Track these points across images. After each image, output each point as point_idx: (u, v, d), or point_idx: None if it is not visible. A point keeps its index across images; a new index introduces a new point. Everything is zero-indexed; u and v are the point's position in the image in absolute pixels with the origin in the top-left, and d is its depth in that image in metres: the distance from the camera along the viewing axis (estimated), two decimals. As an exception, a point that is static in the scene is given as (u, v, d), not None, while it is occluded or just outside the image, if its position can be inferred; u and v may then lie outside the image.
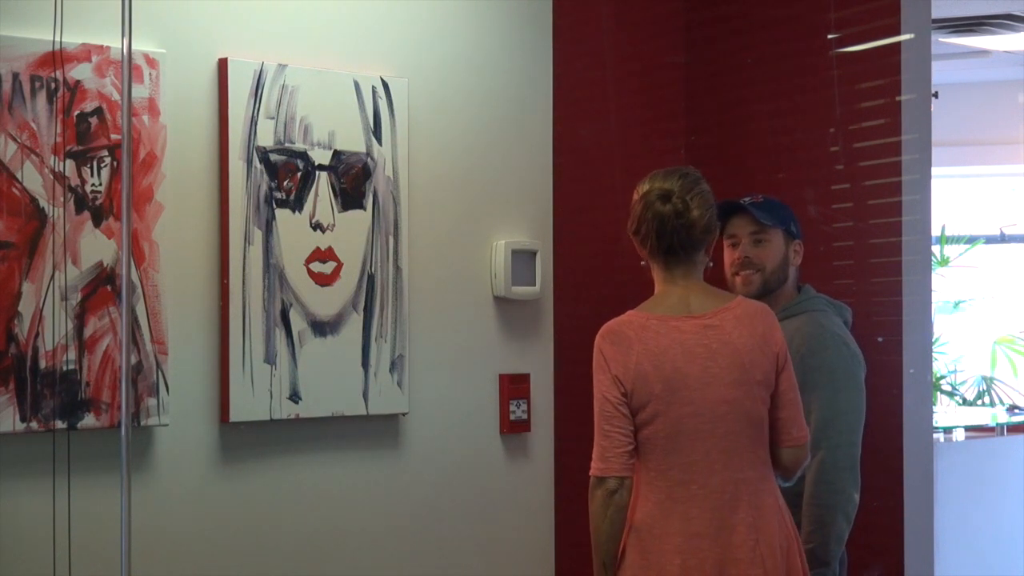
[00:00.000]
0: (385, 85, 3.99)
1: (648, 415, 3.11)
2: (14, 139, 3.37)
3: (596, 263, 4.51)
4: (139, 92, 3.54)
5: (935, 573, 4.31)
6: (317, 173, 3.87)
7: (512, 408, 4.26)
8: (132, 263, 3.50)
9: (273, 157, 3.79)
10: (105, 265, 3.50)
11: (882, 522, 3.98)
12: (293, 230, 3.82)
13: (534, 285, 4.29)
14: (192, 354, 3.68)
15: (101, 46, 3.50)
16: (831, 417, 3.53)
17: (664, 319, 3.16)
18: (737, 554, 3.08)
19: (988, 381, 8.44)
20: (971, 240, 8.55)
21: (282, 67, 3.81)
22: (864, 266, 4.22)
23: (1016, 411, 7.26)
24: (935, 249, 8.17)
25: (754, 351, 3.13)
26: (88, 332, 3.46)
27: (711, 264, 3.29)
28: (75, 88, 3.46)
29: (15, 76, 3.38)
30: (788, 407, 3.18)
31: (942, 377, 8.21)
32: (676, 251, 3.16)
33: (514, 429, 4.28)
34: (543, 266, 4.33)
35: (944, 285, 8.31)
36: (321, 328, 3.86)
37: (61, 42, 3.36)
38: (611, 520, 3.12)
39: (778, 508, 3.16)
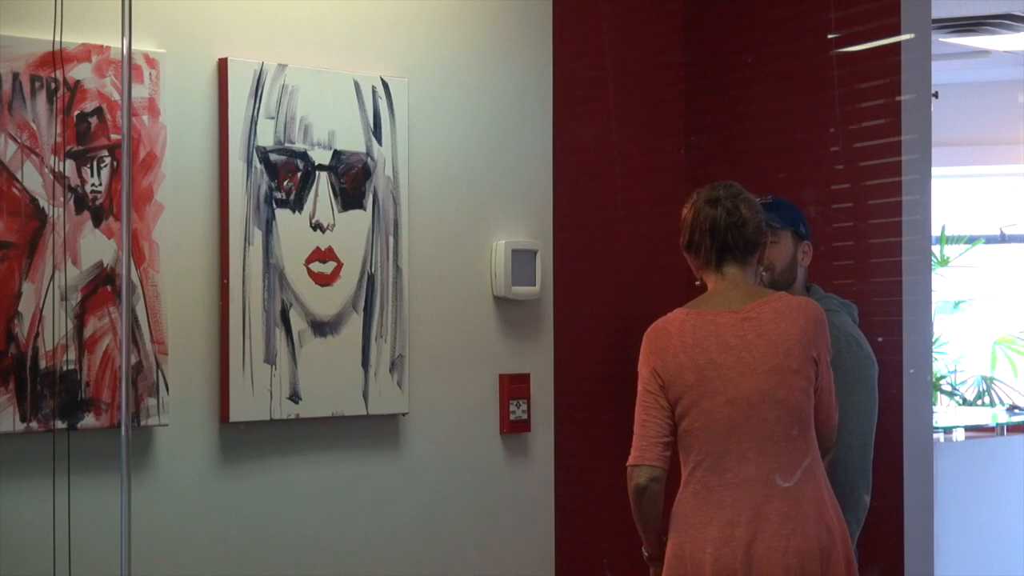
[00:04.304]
0: (385, 85, 3.99)
1: (685, 407, 3.19)
2: (14, 139, 3.37)
3: (596, 263, 4.51)
4: (139, 92, 3.54)
5: (935, 573, 4.31)
6: (317, 173, 3.87)
7: (512, 408, 4.26)
8: (132, 263, 3.50)
9: (273, 157, 3.79)
10: (105, 265, 3.50)
11: (882, 522, 3.97)
12: (293, 230, 3.82)
13: (534, 285, 4.29)
14: (192, 354, 3.68)
15: (101, 46, 3.50)
16: (843, 419, 3.53)
17: (703, 314, 3.25)
18: (769, 544, 3.10)
19: (988, 381, 8.44)
20: (971, 240, 8.54)
21: (282, 67, 3.81)
22: (864, 266, 4.22)
23: (1016, 411, 7.26)
24: (935, 249, 8.17)
25: (791, 341, 3.19)
26: (88, 332, 3.46)
27: (764, 273, 3.35)
28: (75, 88, 3.46)
29: (15, 76, 3.38)
30: (820, 393, 3.28)
31: (942, 377, 8.21)
32: (730, 249, 3.27)
33: (514, 429, 4.28)
34: (543, 266, 4.33)
35: (944, 285, 8.31)
36: (321, 328, 3.86)
37: (61, 42, 3.36)
38: (644, 508, 3.22)
39: (820, 499, 3.17)
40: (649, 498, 3.21)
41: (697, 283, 3.37)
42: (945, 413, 7.04)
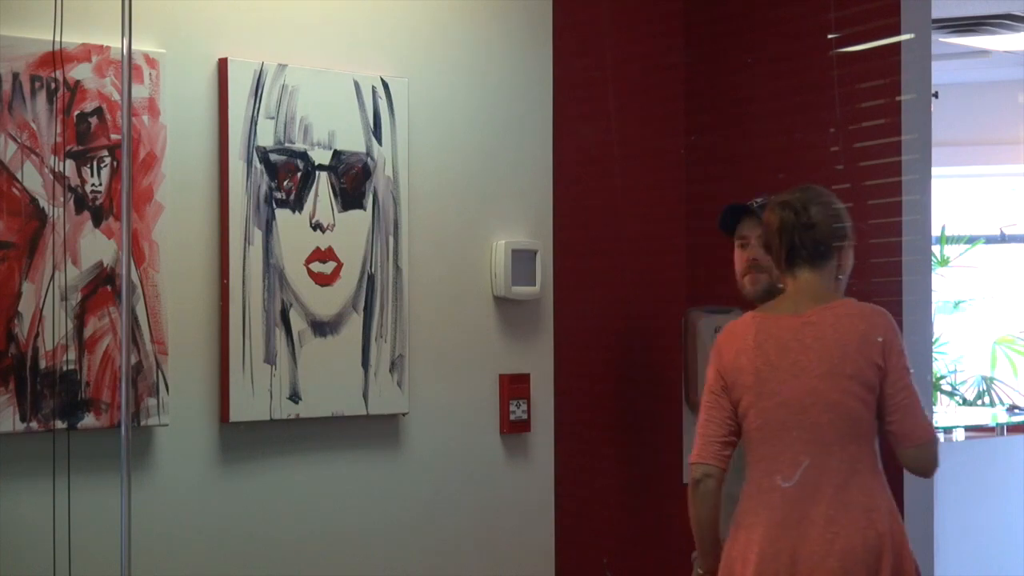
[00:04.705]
0: (385, 85, 3.99)
1: (744, 408, 3.21)
2: (14, 139, 3.37)
3: (596, 263, 4.51)
4: (139, 92, 3.54)
5: (935, 573, 4.30)
6: (317, 173, 3.87)
7: (512, 408, 4.26)
8: (132, 263, 3.50)
9: (273, 157, 3.79)
10: (105, 265, 3.50)
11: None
12: (293, 230, 3.82)
13: (534, 285, 4.29)
14: (192, 354, 3.68)
15: (101, 46, 3.50)
16: None
17: (769, 317, 3.26)
18: (812, 547, 3.09)
19: (988, 381, 8.45)
20: (971, 240, 8.55)
21: (282, 67, 3.81)
22: (864, 266, 4.20)
23: (1016, 411, 7.26)
24: (935, 249, 8.17)
25: (848, 347, 3.16)
26: (88, 332, 3.46)
27: (841, 278, 3.31)
28: (75, 88, 3.46)
29: (15, 76, 3.38)
30: (897, 411, 3.17)
31: (942, 377, 8.21)
32: (798, 251, 3.25)
33: (514, 429, 4.28)
34: (543, 266, 4.32)
35: (944, 285, 8.31)
36: (321, 328, 3.86)
37: (61, 42, 3.36)
38: (698, 505, 3.23)
39: (871, 506, 3.14)
40: (702, 494, 3.21)
41: (780, 286, 3.34)
42: (945, 413, 7.04)
